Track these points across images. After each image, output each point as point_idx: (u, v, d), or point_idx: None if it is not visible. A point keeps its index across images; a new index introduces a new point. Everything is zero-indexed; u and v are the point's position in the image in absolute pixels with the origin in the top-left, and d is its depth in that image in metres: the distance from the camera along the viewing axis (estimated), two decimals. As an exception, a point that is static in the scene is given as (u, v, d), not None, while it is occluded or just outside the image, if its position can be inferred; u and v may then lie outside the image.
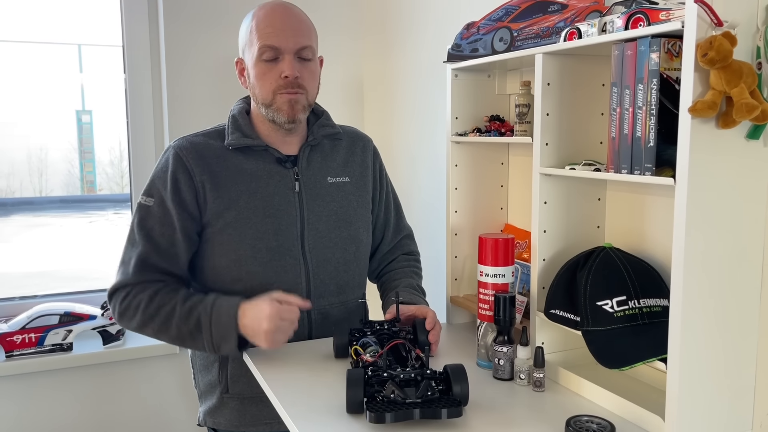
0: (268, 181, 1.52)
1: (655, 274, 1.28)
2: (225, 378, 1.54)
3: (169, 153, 1.52)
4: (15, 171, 2.49)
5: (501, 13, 1.50)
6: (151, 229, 1.48)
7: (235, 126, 1.54)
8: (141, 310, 1.44)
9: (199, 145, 1.52)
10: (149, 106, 2.45)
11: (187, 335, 1.43)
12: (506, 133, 1.62)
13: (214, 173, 1.49)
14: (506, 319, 1.37)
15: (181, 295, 1.45)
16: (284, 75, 1.46)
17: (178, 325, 1.42)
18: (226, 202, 1.49)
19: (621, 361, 1.16)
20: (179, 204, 1.47)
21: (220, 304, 1.42)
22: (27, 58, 2.43)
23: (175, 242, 1.48)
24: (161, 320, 1.43)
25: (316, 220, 1.54)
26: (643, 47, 1.11)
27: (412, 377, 1.17)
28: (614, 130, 1.19)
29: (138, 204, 1.51)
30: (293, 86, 1.48)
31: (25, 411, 2.27)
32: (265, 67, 1.48)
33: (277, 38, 1.46)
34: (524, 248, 1.68)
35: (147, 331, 1.46)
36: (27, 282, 2.52)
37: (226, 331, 1.39)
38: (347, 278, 1.59)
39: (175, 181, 1.48)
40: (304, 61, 1.50)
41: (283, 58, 1.47)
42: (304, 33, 1.50)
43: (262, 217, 1.50)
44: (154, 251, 1.47)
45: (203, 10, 2.39)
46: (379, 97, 2.58)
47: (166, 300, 1.44)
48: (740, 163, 1.07)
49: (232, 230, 1.48)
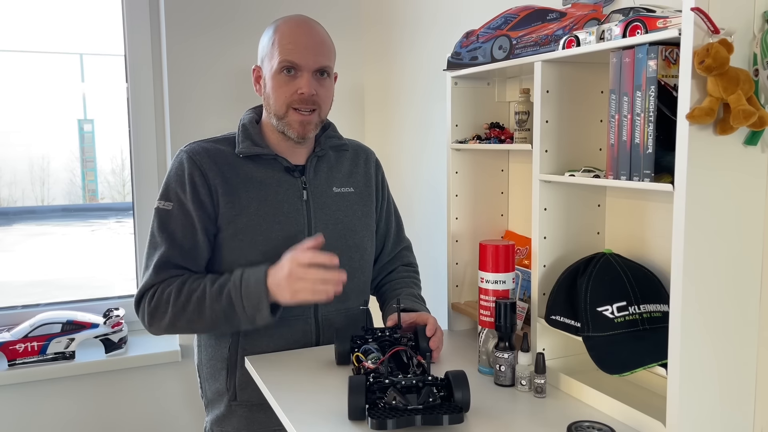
0: (277, 189, 1.54)
1: (655, 279, 1.29)
2: (233, 385, 1.55)
3: (182, 156, 1.53)
4: (17, 180, 2.49)
5: (500, 21, 1.51)
6: (173, 232, 1.48)
7: (246, 135, 1.56)
8: (172, 302, 1.44)
9: (210, 150, 1.54)
10: (151, 115, 2.46)
11: (221, 315, 1.42)
12: (506, 140, 1.62)
13: (226, 179, 1.51)
14: (507, 325, 1.38)
15: (209, 278, 1.46)
16: (300, 92, 1.48)
17: (212, 307, 1.42)
18: (237, 209, 1.50)
19: (621, 367, 1.16)
20: (199, 205, 1.49)
21: (248, 276, 1.42)
22: (29, 67, 2.45)
23: (198, 243, 1.49)
24: (194, 306, 1.43)
25: (322, 228, 1.56)
26: (641, 55, 1.12)
27: (414, 384, 1.17)
28: (613, 137, 1.20)
29: (156, 209, 1.52)
30: (307, 102, 1.49)
31: (27, 420, 2.27)
32: (282, 80, 1.49)
33: (299, 55, 1.48)
34: (525, 255, 1.68)
35: (181, 323, 1.45)
36: (29, 291, 2.52)
37: (257, 301, 1.40)
38: (352, 286, 1.60)
39: (192, 183, 1.49)
40: (321, 79, 1.52)
41: (302, 75, 1.49)
42: (325, 53, 1.52)
43: (272, 224, 1.51)
44: (178, 253, 1.48)
45: (205, 20, 2.40)
46: (379, 105, 2.59)
47: (195, 286, 1.44)
48: (738, 169, 1.08)
49: (243, 236, 1.50)
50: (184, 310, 1.43)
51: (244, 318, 1.42)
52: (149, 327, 1.48)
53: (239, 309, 1.41)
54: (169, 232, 1.49)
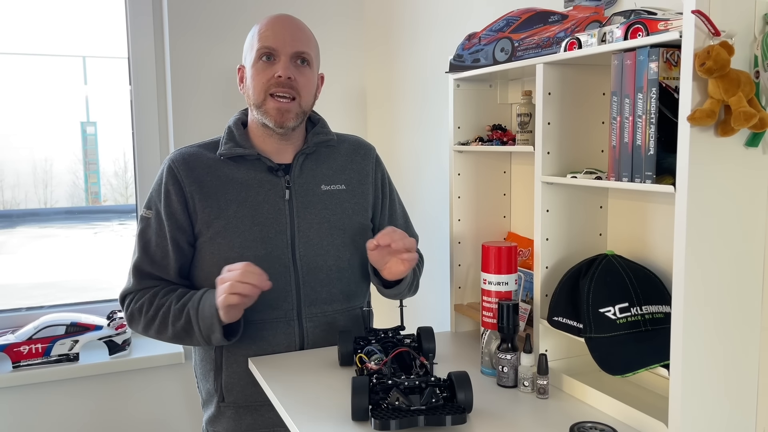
0: (258, 190, 1.54)
1: (657, 280, 1.29)
2: (220, 387, 1.56)
3: (164, 166, 1.57)
4: (20, 182, 2.50)
5: (502, 23, 1.52)
6: (149, 241, 1.54)
7: (230, 136, 1.57)
8: (144, 314, 1.50)
9: (191, 156, 1.56)
10: (154, 117, 2.47)
11: (182, 332, 1.47)
12: (508, 142, 1.63)
13: (203, 183, 1.53)
14: (510, 326, 1.38)
15: (176, 294, 1.50)
16: (277, 75, 1.49)
17: (174, 324, 1.47)
18: (216, 212, 1.52)
19: (624, 368, 1.16)
20: (170, 216, 1.52)
21: (206, 298, 1.45)
22: (32, 70, 2.45)
23: (167, 253, 1.53)
24: (160, 320, 1.49)
25: (307, 227, 1.55)
26: (642, 57, 1.13)
27: (417, 384, 1.17)
28: (615, 139, 1.20)
29: (140, 216, 1.58)
30: (285, 86, 1.50)
31: (31, 421, 2.28)
32: (260, 66, 1.51)
33: (275, 40, 1.50)
34: (527, 256, 1.69)
35: (151, 333, 1.52)
36: (33, 293, 2.53)
37: (210, 323, 1.42)
38: (342, 286, 1.59)
39: (167, 194, 1.53)
40: (300, 67, 1.53)
41: (279, 60, 1.50)
42: (303, 40, 1.53)
43: (250, 225, 1.52)
44: (149, 262, 1.53)
45: (208, 23, 2.41)
46: (382, 108, 2.60)
47: (162, 302, 1.50)
48: (739, 171, 1.08)
49: (222, 239, 1.51)
50: (153, 322, 1.50)
51: (200, 338, 1.46)
52: (131, 328, 1.58)
53: (196, 329, 1.45)
54: (145, 241, 1.55)
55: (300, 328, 1.56)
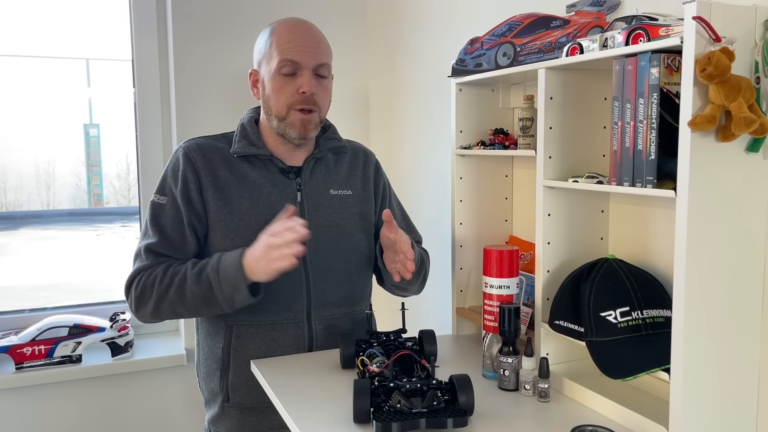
0: (271, 190, 1.55)
1: (658, 285, 1.30)
2: (226, 387, 1.56)
3: (179, 153, 1.56)
4: (23, 184, 2.51)
5: (504, 28, 1.53)
6: (164, 225, 1.51)
7: (243, 134, 1.58)
8: (156, 285, 1.45)
9: (207, 147, 1.56)
10: (158, 120, 2.48)
11: (201, 298, 1.43)
12: (510, 146, 1.63)
13: (218, 177, 1.53)
14: (511, 330, 1.39)
15: (191, 262, 1.48)
16: (301, 90, 1.49)
17: (192, 289, 1.43)
18: (229, 208, 1.52)
19: (625, 372, 1.17)
20: (188, 202, 1.51)
21: (225, 257, 1.43)
22: (35, 72, 2.47)
23: (185, 238, 1.51)
24: (176, 289, 1.44)
25: (317, 230, 1.55)
26: (644, 62, 1.13)
27: (418, 387, 1.18)
28: (616, 144, 1.21)
29: (151, 202, 1.55)
30: (308, 102, 1.50)
31: (34, 422, 2.28)
32: (282, 81, 1.50)
33: (298, 54, 1.49)
34: (528, 260, 1.69)
35: (164, 306, 1.46)
36: (36, 294, 2.54)
37: (235, 281, 1.40)
38: (350, 289, 1.61)
39: (185, 180, 1.52)
40: (320, 78, 1.53)
41: (302, 74, 1.50)
42: (323, 51, 1.53)
43: (263, 225, 1.51)
44: (166, 244, 1.51)
45: (212, 25, 2.42)
46: (384, 111, 2.60)
47: (177, 269, 1.46)
48: (740, 176, 1.09)
49: (234, 236, 1.51)
50: (167, 292, 1.45)
51: (223, 299, 1.42)
52: (136, 312, 1.50)
53: (217, 290, 1.41)
54: (159, 225, 1.52)
55: (309, 330, 1.57)
